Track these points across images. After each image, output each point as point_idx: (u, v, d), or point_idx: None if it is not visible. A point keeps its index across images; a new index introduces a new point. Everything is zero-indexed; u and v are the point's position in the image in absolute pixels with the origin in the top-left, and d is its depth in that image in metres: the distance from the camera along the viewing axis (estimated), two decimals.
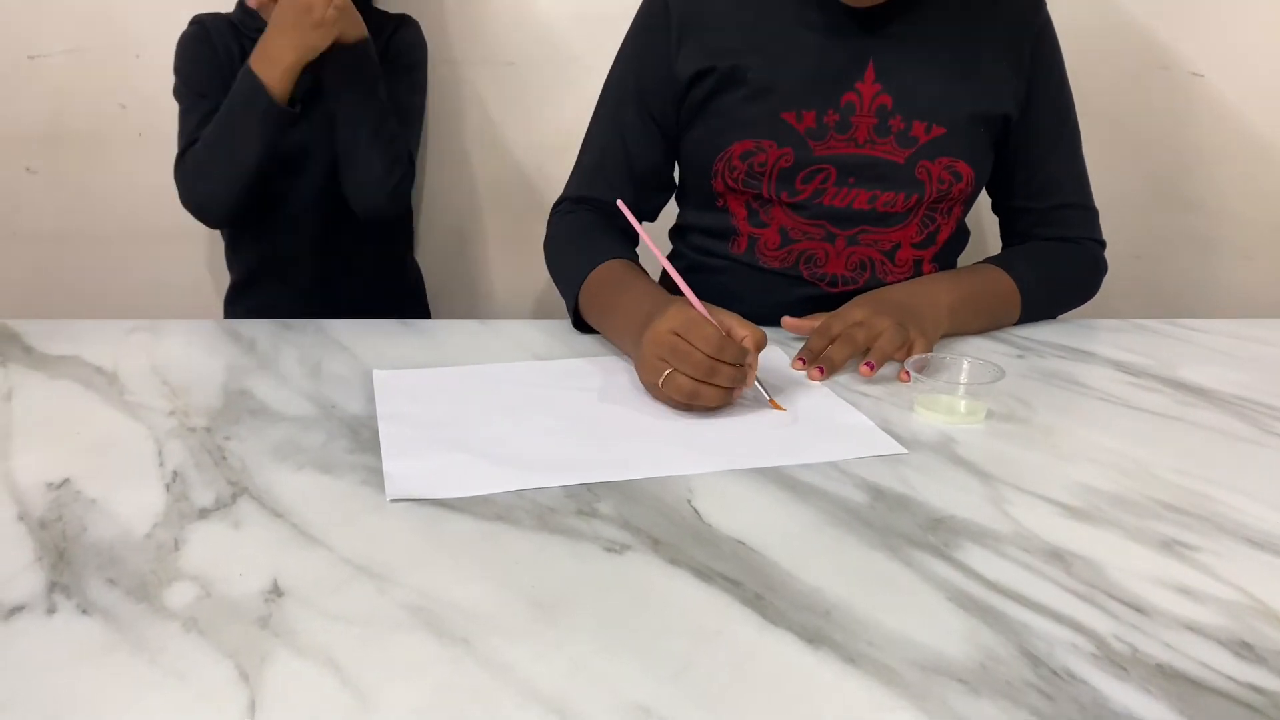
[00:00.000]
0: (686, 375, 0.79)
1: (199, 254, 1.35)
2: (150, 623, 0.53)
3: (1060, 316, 1.09)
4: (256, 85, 1.08)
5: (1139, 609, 0.56)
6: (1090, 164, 1.11)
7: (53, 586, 0.56)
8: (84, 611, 0.54)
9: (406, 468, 0.70)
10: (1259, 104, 1.38)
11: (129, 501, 0.66)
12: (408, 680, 0.50)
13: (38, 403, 0.81)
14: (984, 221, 1.23)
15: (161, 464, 0.71)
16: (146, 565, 0.59)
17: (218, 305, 1.29)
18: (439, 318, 1.37)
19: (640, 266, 1.01)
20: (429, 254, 1.39)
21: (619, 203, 0.91)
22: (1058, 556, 0.61)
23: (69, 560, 0.59)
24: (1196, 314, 1.16)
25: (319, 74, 1.12)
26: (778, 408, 0.82)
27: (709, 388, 0.79)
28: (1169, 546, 0.63)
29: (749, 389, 0.82)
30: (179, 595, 0.56)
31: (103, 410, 0.80)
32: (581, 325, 1.00)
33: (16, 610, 0.54)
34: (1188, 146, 1.41)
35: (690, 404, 0.80)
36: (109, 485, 0.68)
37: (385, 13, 1.26)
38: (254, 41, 1.15)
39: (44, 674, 0.50)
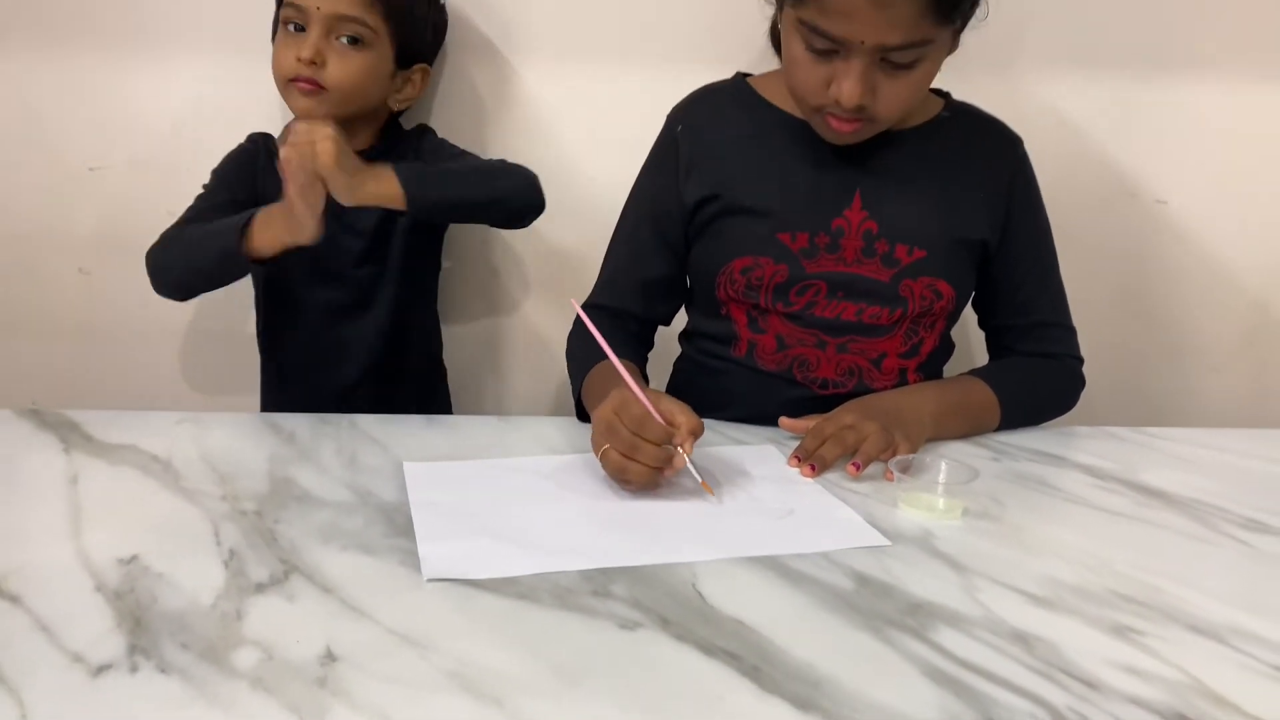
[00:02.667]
0: (618, 452, 0.88)
1: (235, 351, 1.44)
2: (221, 681, 0.61)
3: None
4: (242, 228, 1.10)
5: (1091, 685, 0.64)
6: (1067, 282, 1.21)
7: (133, 649, 0.64)
8: (162, 671, 0.62)
9: (440, 551, 0.78)
10: (1219, 229, 1.49)
11: (193, 576, 0.73)
12: None
13: (102, 486, 0.89)
14: (971, 336, 1.32)
15: (219, 543, 0.79)
16: (213, 632, 0.66)
17: (252, 399, 1.38)
18: (460, 412, 1.45)
19: (636, 368, 1.11)
20: (453, 354, 1.48)
21: (573, 303, 1.02)
22: (1021, 638, 0.69)
23: (145, 626, 0.67)
24: (1171, 423, 1.25)
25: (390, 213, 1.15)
26: (708, 490, 0.90)
27: (635, 465, 0.88)
28: (1120, 632, 0.71)
29: (680, 469, 0.89)
30: (244, 658, 0.63)
31: (161, 494, 0.88)
32: (585, 417, 1.10)
33: (104, 668, 0.62)
34: (1156, 266, 1.51)
35: (623, 480, 0.89)
36: (174, 561, 0.75)
37: (404, 130, 1.35)
38: None
39: None
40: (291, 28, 1.22)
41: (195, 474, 0.92)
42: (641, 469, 0.88)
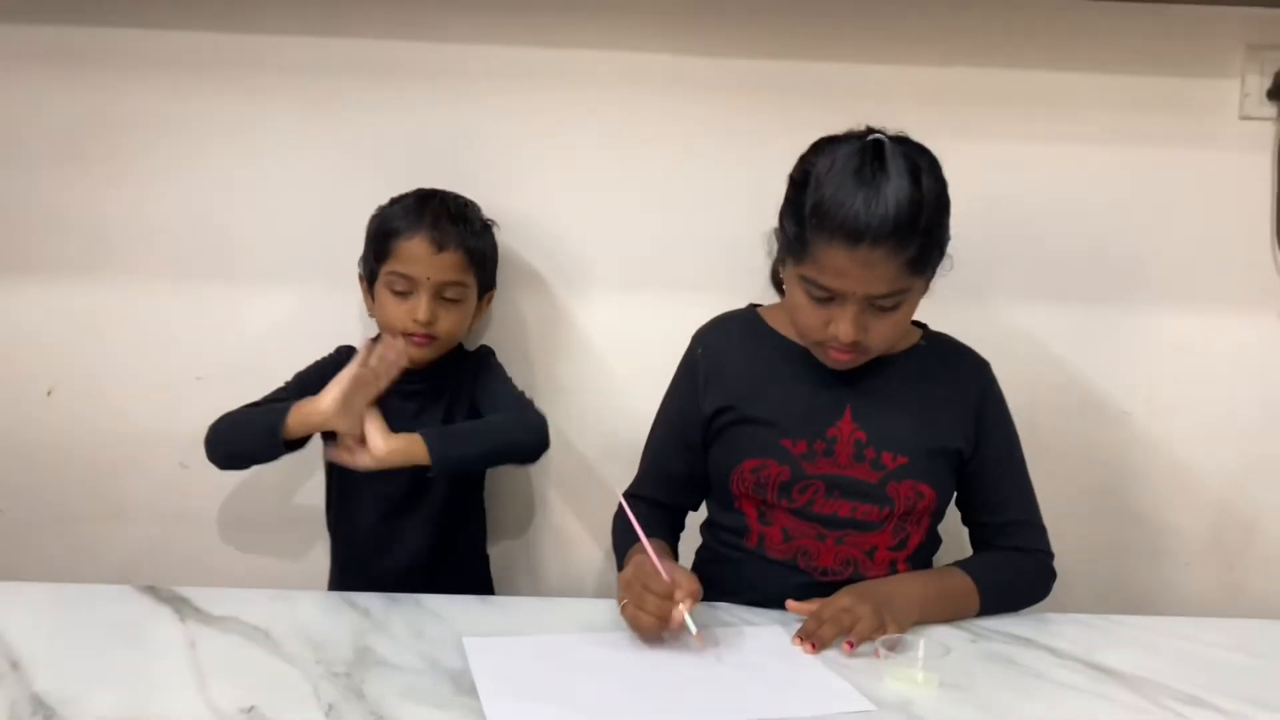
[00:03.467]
0: (633, 605, 1.10)
1: (309, 535, 1.64)
2: None
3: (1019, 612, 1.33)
4: (282, 415, 1.33)
5: None
6: (1043, 485, 1.39)
7: None
8: None
9: (503, 710, 0.95)
10: (1181, 435, 1.68)
11: None
12: None
13: (216, 650, 1.07)
14: (959, 529, 1.49)
15: (319, 698, 0.96)
16: None
17: (323, 574, 1.57)
18: (501, 593, 1.63)
19: (666, 544, 1.33)
20: (494, 544, 1.66)
21: (621, 500, 1.26)
22: None
23: None
24: (1146, 614, 1.39)
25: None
26: (699, 640, 1.09)
27: (643, 615, 1.09)
28: None
29: (679, 621, 1.09)
30: None
31: (266, 658, 1.06)
32: None
33: None
34: (1125, 470, 1.69)
35: (635, 628, 1.11)
36: (285, 712, 0.93)
37: (467, 352, 1.57)
38: None
39: None
40: (397, 289, 1.46)
41: (291, 641, 1.10)
42: (649, 619, 1.09)
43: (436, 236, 1.45)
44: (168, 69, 1.60)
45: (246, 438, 1.40)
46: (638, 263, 1.66)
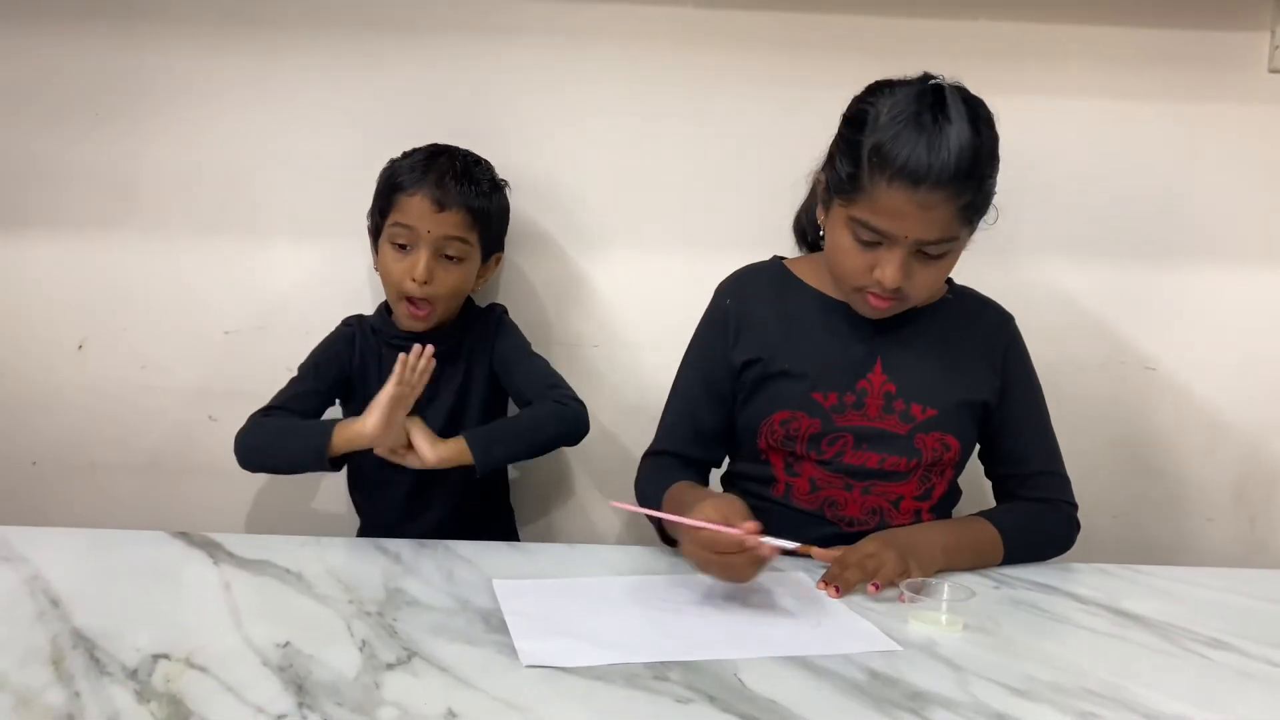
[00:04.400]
0: (721, 578, 1.10)
1: (334, 490, 1.66)
2: None
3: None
4: (325, 438, 1.33)
5: None
6: (1068, 439, 1.39)
7: (300, 704, 0.83)
8: None
9: (534, 645, 0.96)
10: (1205, 389, 1.68)
11: (336, 658, 0.92)
12: None
13: (251, 592, 1.09)
14: (985, 484, 1.50)
15: (352, 634, 0.98)
16: (360, 696, 0.85)
17: (349, 526, 1.59)
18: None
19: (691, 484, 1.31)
20: (518, 497, 1.68)
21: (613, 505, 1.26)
22: (1001, 717, 0.85)
23: (306, 691, 0.85)
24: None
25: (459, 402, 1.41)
26: (804, 550, 1.10)
27: (743, 574, 1.08)
28: (1084, 716, 0.87)
29: (771, 551, 1.07)
30: (386, 714, 0.82)
31: (299, 599, 1.08)
32: (668, 541, 1.27)
33: (282, 717, 0.81)
34: (1149, 425, 1.69)
35: (740, 582, 1.09)
36: (319, 647, 0.94)
37: (479, 309, 1.56)
38: (388, 345, 1.47)
39: None
40: (398, 245, 1.46)
41: (324, 584, 1.12)
42: (749, 572, 1.08)
43: (439, 195, 1.44)
44: (192, 24, 1.60)
45: (289, 454, 1.41)
46: (655, 219, 1.66)
